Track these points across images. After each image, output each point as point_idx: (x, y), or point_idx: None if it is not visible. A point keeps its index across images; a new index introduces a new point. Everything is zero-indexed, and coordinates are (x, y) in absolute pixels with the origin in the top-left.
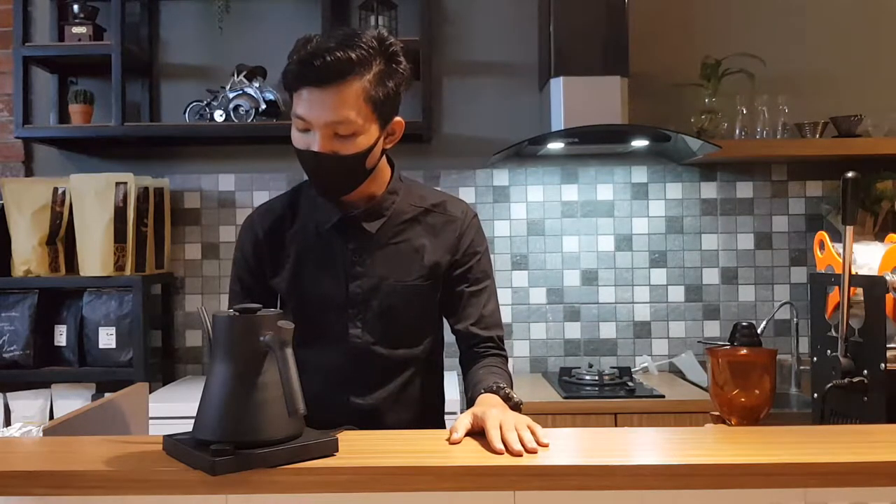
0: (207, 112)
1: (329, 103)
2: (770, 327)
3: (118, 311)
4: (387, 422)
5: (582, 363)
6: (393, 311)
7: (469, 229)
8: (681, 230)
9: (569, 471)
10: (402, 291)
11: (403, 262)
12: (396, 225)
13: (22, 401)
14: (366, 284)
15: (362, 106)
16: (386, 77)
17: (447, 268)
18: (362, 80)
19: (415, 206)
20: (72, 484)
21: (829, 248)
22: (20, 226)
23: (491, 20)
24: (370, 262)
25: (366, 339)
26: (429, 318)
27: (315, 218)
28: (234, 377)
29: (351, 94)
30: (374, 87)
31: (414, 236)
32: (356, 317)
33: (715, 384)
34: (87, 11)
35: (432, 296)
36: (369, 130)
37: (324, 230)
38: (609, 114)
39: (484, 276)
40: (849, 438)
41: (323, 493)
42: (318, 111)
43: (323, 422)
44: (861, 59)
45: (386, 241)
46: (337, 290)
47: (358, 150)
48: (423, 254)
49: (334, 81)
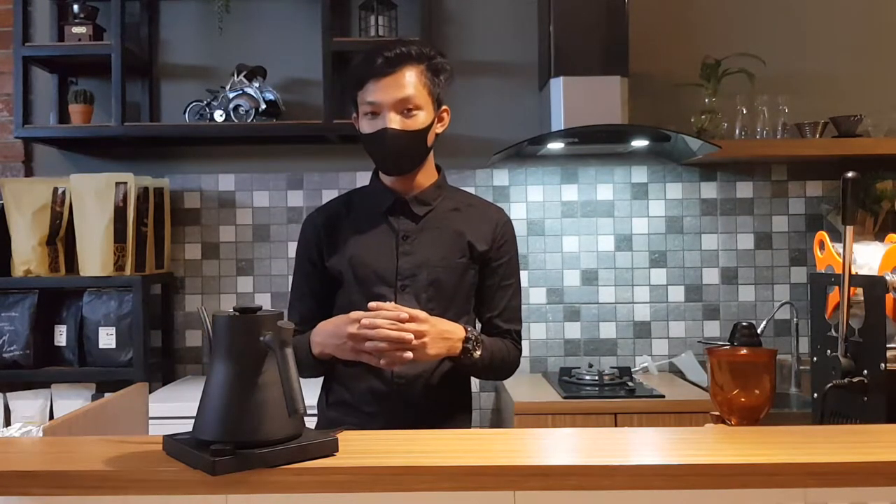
0: (207, 112)
1: (395, 84)
2: (770, 327)
3: (118, 311)
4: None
5: (582, 363)
6: (438, 284)
7: (505, 230)
8: (681, 230)
9: (569, 471)
10: (446, 267)
11: (447, 243)
12: (441, 214)
13: (22, 401)
14: (413, 261)
15: (420, 88)
16: (435, 69)
17: (483, 257)
18: (418, 68)
19: (457, 202)
20: (72, 484)
21: (829, 248)
22: (20, 226)
23: (491, 20)
24: (417, 243)
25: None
26: (468, 298)
27: (370, 206)
28: (234, 377)
29: (411, 77)
30: (427, 76)
31: (455, 223)
32: (405, 289)
33: (715, 384)
34: (87, 11)
35: (470, 275)
36: (427, 110)
37: (379, 213)
38: (609, 114)
39: (513, 275)
40: (849, 438)
41: (323, 493)
42: (387, 93)
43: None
44: (861, 59)
45: (432, 225)
46: (388, 265)
47: (421, 126)
48: (463, 236)
49: (396, 68)
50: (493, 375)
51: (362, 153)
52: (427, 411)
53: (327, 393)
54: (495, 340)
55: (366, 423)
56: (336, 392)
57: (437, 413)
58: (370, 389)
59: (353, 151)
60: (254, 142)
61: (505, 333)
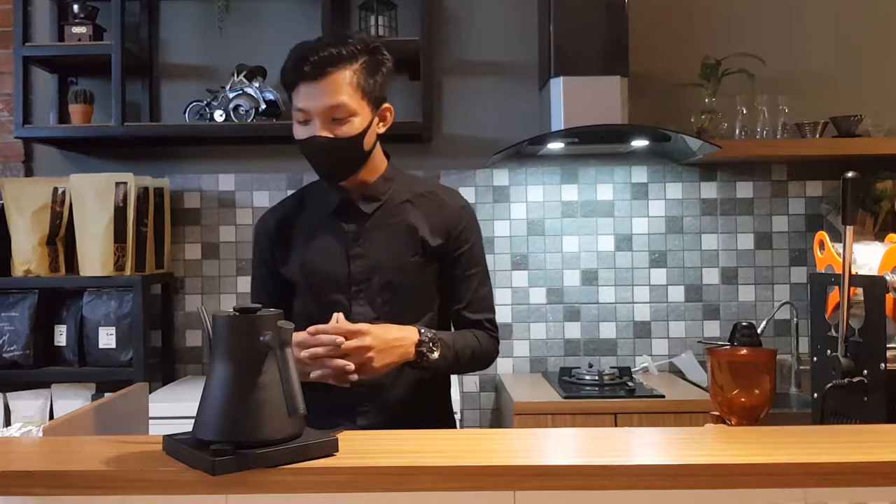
0: (207, 112)
1: (324, 91)
2: (770, 327)
3: (118, 311)
4: (387, 399)
5: (582, 363)
6: (393, 287)
7: (461, 217)
8: (681, 230)
9: (569, 471)
10: (400, 268)
11: (399, 241)
12: (392, 208)
13: (22, 401)
14: (366, 264)
15: (353, 92)
16: (372, 67)
17: (440, 250)
18: (351, 68)
19: (410, 192)
20: (72, 484)
21: (829, 248)
22: (20, 226)
23: (491, 20)
24: (369, 244)
25: (368, 316)
26: (428, 295)
27: (319, 207)
28: (234, 377)
29: (342, 81)
30: (362, 76)
31: (408, 217)
32: (359, 294)
33: (715, 384)
34: (87, 11)
35: (428, 272)
36: (362, 114)
37: (327, 214)
38: (609, 114)
39: (476, 263)
40: (849, 438)
41: (323, 493)
42: (316, 99)
43: (330, 400)
44: (861, 59)
45: (383, 222)
46: (340, 270)
47: (354, 133)
48: (416, 232)
49: (326, 73)
50: (465, 370)
51: None
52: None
53: None
54: (461, 334)
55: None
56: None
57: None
58: (334, 398)
59: None
60: (254, 142)
61: (475, 324)
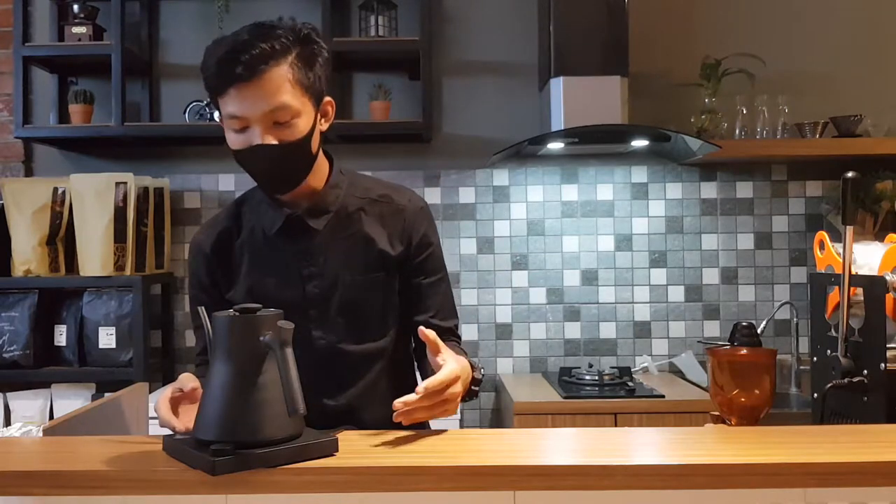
0: (207, 112)
1: (262, 92)
2: (770, 327)
3: (118, 311)
4: (364, 420)
5: (582, 363)
6: (353, 305)
7: (419, 220)
8: (681, 230)
9: (569, 471)
10: (359, 285)
11: (356, 255)
12: (343, 219)
13: (22, 401)
14: (322, 284)
15: (293, 89)
16: (308, 58)
17: (401, 258)
18: (286, 63)
19: (360, 198)
20: (72, 484)
21: (829, 248)
22: (20, 226)
23: (491, 20)
24: (322, 261)
25: (330, 339)
26: (391, 308)
27: (261, 225)
28: (234, 377)
29: (280, 79)
30: (299, 70)
31: (362, 227)
32: (317, 318)
33: (715, 384)
34: (87, 11)
35: (391, 285)
36: (306, 112)
37: (271, 235)
38: (609, 114)
39: (439, 267)
40: (849, 438)
41: (323, 493)
42: (254, 103)
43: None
44: (861, 59)
45: (336, 235)
46: (294, 293)
47: (301, 135)
48: (374, 244)
49: (261, 72)
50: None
51: (363, 152)
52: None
53: None
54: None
55: None
56: None
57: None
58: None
59: (354, 151)
60: None
61: (446, 332)
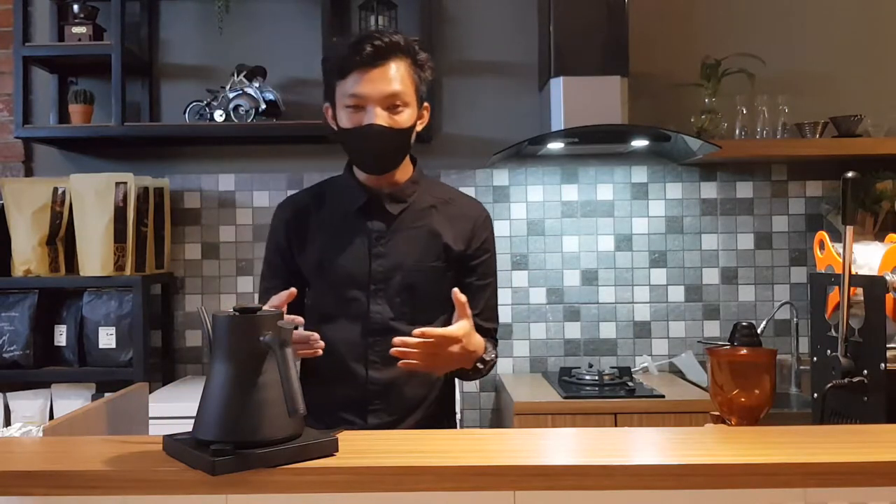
0: (207, 112)
1: (385, 77)
2: (770, 327)
3: (118, 311)
4: (404, 395)
5: (582, 363)
6: (411, 289)
7: (483, 227)
8: (681, 230)
9: (569, 471)
10: (420, 271)
11: (422, 245)
12: (416, 212)
13: (22, 401)
14: (387, 264)
15: (408, 83)
16: (420, 65)
17: (460, 257)
18: (405, 62)
19: (434, 197)
20: (72, 484)
21: (829, 248)
22: (20, 226)
23: (491, 20)
24: (392, 244)
25: (385, 315)
26: (442, 299)
27: (341, 203)
28: (234, 377)
29: (400, 70)
30: (414, 70)
31: (432, 223)
32: (377, 294)
33: (715, 384)
34: (87, 11)
35: (447, 278)
36: (413, 106)
37: (351, 212)
38: (609, 114)
39: (492, 273)
40: (849, 438)
41: (323, 493)
42: (375, 86)
43: (342, 397)
44: (861, 59)
45: (407, 225)
46: (360, 268)
47: (406, 125)
48: (440, 238)
49: (386, 59)
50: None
51: None
52: (407, 415)
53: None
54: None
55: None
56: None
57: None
58: (345, 395)
59: None
60: (254, 142)
61: (486, 332)
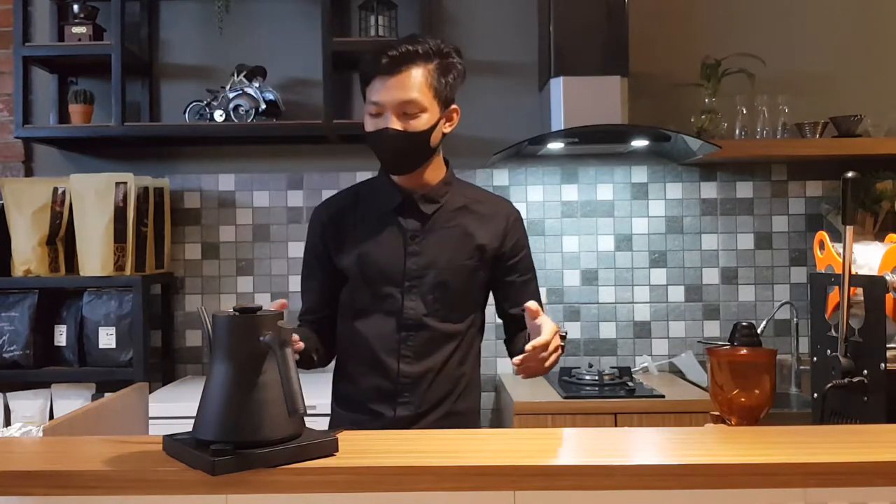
0: (207, 112)
1: (399, 86)
2: (770, 327)
3: (118, 311)
4: (432, 389)
5: (582, 363)
6: (444, 286)
7: (516, 225)
8: (681, 230)
9: (569, 471)
10: (453, 269)
11: (455, 244)
12: (449, 212)
13: (22, 401)
14: (421, 261)
15: (426, 90)
16: (444, 69)
17: (494, 256)
18: (425, 68)
19: (466, 198)
20: (72, 484)
21: (829, 248)
22: (20, 226)
23: (491, 20)
24: (426, 243)
25: (419, 311)
26: (474, 298)
27: (377, 203)
28: (234, 377)
29: (416, 79)
30: (434, 77)
31: (464, 223)
32: (411, 290)
33: (715, 384)
34: (87, 11)
35: (479, 276)
36: (431, 111)
37: (387, 211)
38: (609, 114)
39: (531, 268)
40: (849, 438)
41: (323, 493)
42: (390, 93)
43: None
44: (861, 59)
45: (440, 225)
46: (396, 265)
47: (423, 128)
48: (472, 237)
49: (402, 69)
50: None
51: (363, 153)
52: (433, 408)
53: (335, 390)
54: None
55: (373, 420)
56: (343, 389)
57: (445, 410)
58: (376, 387)
59: (354, 151)
60: (254, 142)
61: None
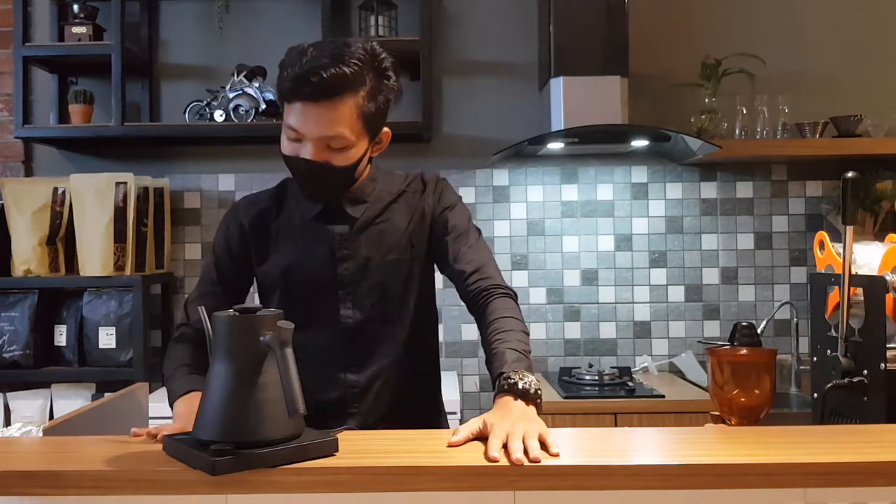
0: (207, 112)
1: (324, 119)
2: (770, 327)
3: (118, 311)
4: (383, 394)
5: (582, 363)
6: (381, 287)
7: (433, 191)
8: (681, 230)
9: (569, 471)
10: (389, 268)
11: (387, 241)
12: (378, 209)
13: (22, 401)
14: (353, 266)
15: (355, 122)
16: (377, 92)
17: (428, 230)
18: (356, 96)
19: (391, 191)
20: (72, 484)
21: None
22: (20, 226)
23: (491, 20)
24: (356, 245)
25: (357, 318)
26: (417, 292)
27: (300, 208)
28: (234, 377)
29: (345, 110)
30: (366, 103)
31: (394, 216)
32: (346, 297)
33: (715, 384)
34: (87, 11)
35: (416, 267)
36: (359, 144)
37: (310, 218)
38: (609, 114)
39: (463, 225)
40: (849, 438)
41: (323, 493)
42: (313, 125)
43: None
44: (861, 59)
45: (368, 223)
46: (326, 273)
47: (349, 163)
48: (402, 231)
49: (329, 97)
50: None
51: None
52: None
53: None
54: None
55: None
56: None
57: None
58: (326, 400)
59: None
60: (254, 142)
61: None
